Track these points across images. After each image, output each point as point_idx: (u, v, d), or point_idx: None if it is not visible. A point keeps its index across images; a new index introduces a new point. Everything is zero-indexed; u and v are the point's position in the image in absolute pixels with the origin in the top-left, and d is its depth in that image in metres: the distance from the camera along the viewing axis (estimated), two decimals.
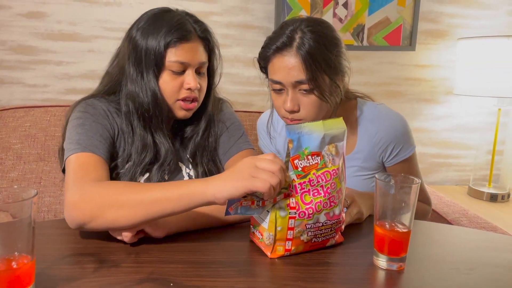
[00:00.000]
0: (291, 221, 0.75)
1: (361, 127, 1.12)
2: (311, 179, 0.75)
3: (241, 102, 1.97)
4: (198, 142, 1.07)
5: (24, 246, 0.59)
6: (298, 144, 0.74)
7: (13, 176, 1.46)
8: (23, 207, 0.58)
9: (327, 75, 0.98)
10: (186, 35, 0.96)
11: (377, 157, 1.13)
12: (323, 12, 1.90)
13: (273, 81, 1.02)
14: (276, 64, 0.99)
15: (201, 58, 0.99)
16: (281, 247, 0.76)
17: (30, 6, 1.74)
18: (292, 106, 0.99)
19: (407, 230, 0.72)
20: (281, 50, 0.98)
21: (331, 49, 0.98)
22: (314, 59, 0.95)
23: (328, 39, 0.98)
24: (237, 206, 0.74)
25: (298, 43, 0.96)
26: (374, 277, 0.71)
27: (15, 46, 1.76)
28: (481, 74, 1.84)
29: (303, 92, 0.99)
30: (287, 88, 1.00)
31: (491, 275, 0.73)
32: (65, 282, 0.66)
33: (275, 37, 1.00)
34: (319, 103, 1.00)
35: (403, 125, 1.11)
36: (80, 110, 0.98)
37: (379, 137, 1.10)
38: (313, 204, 0.75)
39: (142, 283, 0.66)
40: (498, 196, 1.95)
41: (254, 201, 0.74)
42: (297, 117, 1.02)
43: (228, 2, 1.87)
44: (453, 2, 2.02)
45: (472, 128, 2.15)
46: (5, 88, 1.78)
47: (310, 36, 0.96)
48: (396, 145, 1.10)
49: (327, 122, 0.76)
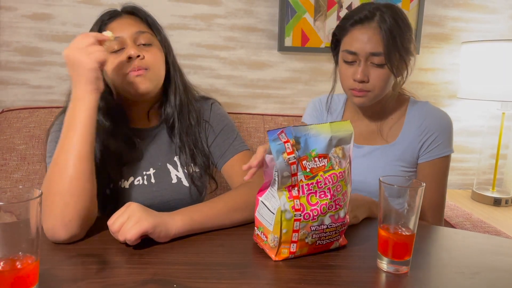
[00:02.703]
0: (296, 223, 0.74)
1: (409, 116, 1.17)
2: (319, 181, 0.75)
3: (244, 104, 1.97)
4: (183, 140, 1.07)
5: (28, 247, 0.59)
6: (305, 145, 0.74)
7: (17, 176, 1.46)
8: (28, 207, 0.58)
9: (399, 53, 1.05)
10: (113, 13, 1.03)
11: (417, 149, 1.15)
12: (327, 15, 1.90)
13: (348, 51, 1.08)
14: (354, 34, 1.07)
15: (134, 29, 1.00)
16: (285, 250, 0.76)
17: (35, 7, 1.75)
18: (363, 76, 1.06)
19: (411, 233, 0.72)
20: (362, 21, 1.06)
21: (406, 31, 1.07)
22: (392, 35, 1.03)
23: (405, 22, 1.07)
24: (282, 141, 0.72)
25: (379, 18, 1.05)
26: (377, 281, 0.71)
27: (20, 48, 1.77)
28: (485, 78, 1.84)
29: (374, 65, 1.06)
30: (360, 59, 1.06)
31: (496, 280, 0.72)
32: (69, 282, 0.66)
33: (356, 11, 1.09)
34: (387, 78, 1.07)
35: (450, 123, 1.16)
36: (58, 123, 1.01)
37: (425, 125, 1.14)
38: (319, 206, 0.75)
39: (146, 284, 0.66)
40: (502, 200, 1.94)
41: (293, 152, 0.72)
42: (365, 88, 1.08)
43: (232, 5, 1.87)
44: (457, 6, 2.02)
45: (475, 132, 2.15)
46: (10, 89, 1.79)
47: (390, 15, 1.05)
48: (437, 138, 1.13)
49: (334, 124, 0.76)
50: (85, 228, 0.83)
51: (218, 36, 1.89)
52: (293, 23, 1.88)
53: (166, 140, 1.09)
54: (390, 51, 1.04)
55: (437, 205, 1.16)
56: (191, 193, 1.07)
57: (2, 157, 1.47)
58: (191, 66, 1.90)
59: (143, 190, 1.03)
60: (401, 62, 1.07)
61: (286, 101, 2.00)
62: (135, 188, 1.02)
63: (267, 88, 1.98)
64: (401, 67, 1.08)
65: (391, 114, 1.20)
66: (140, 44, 1.00)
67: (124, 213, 0.79)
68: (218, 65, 1.92)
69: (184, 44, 1.87)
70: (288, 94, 1.99)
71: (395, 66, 1.06)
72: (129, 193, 1.02)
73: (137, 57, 0.97)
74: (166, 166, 1.06)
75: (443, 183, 1.17)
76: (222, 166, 1.10)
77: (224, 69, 1.93)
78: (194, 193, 1.08)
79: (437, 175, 1.15)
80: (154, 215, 0.80)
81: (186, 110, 1.08)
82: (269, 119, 1.76)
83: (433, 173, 1.15)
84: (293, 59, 1.96)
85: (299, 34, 1.90)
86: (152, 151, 1.07)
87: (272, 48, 1.93)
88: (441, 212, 1.18)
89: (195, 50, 1.89)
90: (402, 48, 1.05)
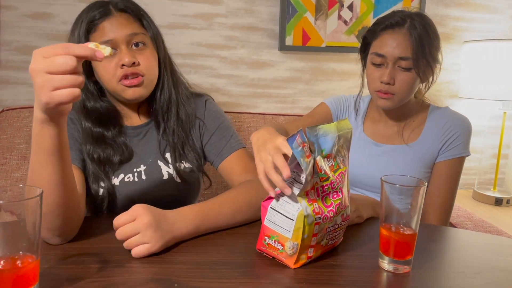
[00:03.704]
0: (316, 227, 0.72)
1: (430, 120, 1.20)
2: (333, 181, 0.74)
3: (246, 103, 1.97)
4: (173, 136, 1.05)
5: (29, 246, 0.59)
6: (318, 146, 0.72)
7: (17, 176, 1.46)
8: (28, 206, 0.58)
9: (426, 59, 1.09)
10: (103, 11, 0.94)
11: (437, 149, 1.17)
12: (328, 15, 1.89)
13: (376, 54, 1.12)
14: (385, 38, 1.11)
15: (127, 31, 0.94)
16: (304, 255, 0.73)
17: (36, 7, 1.75)
18: (389, 79, 1.09)
19: (412, 232, 0.72)
20: (392, 27, 1.10)
21: (434, 39, 1.11)
22: (421, 42, 1.07)
23: (433, 31, 1.11)
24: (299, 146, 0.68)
25: (409, 25, 1.09)
26: (379, 280, 0.71)
27: (21, 47, 1.76)
28: (486, 77, 1.84)
29: (402, 69, 1.09)
30: (388, 62, 1.10)
31: (497, 279, 0.72)
32: (69, 281, 0.66)
33: (388, 17, 1.13)
34: (413, 82, 1.11)
35: (470, 126, 1.19)
36: None
37: (447, 126, 1.17)
38: (333, 206, 0.74)
39: (146, 284, 0.66)
40: (503, 200, 1.94)
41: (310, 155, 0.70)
42: (391, 91, 1.11)
43: (233, 4, 1.87)
44: (459, 6, 2.01)
45: (477, 131, 2.14)
46: (10, 88, 1.79)
47: (420, 22, 1.09)
48: (458, 137, 1.16)
49: (340, 123, 0.75)
50: (75, 230, 0.82)
51: (219, 36, 1.89)
52: (294, 22, 1.88)
53: (157, 136, 1.07)
54: (418, 57, 1.07)
55: (446, 206, 1.17)
56: (182, 189, 1.06)
57: (2, 156, 1.47)
58: (192, 65, 1.89)
59: (133, 187, 1.01)
60: (428, 68, 1.10)
61: (287, 100, 1.99)
62: (125, 184, 1.01)
63: (268, 87, 1.97)
64: (428, 73, 1.12)
65: (412, 117, 1.21)
66: (133, 44, 0.96)
67: (135, 225, 0.74)
68: (219, 65, 1.92)
69: (185, 44, 1.87)
70: (289, 93, 1.99)
71: (421, 71, 1.09)
72: (119, 190, 1.00)
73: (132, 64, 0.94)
74: (157, 163, 1.05)
75: (454, 185, 1.18)
76: (219, 164, 1.09)
77: (225, 69, 1.92)
78: (186, 190, 1.07)
79: (451, 175, 1.16)
80: (163, 233, 0.76)
81: (175, 106, 1.06)
82: (270, 118, 1.76)
83: (448, 173, 1.16)
84: (294, 59, 1.95)
85: (300, 34, 1.89)
86: (143, 148, 1.05)
87: (273, 48, 1.93)
88: (448, 214, 1.18)
89: (196, 49, 1.88)
90: (430, 55, 1.09)
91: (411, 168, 1.17)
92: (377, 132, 1.24)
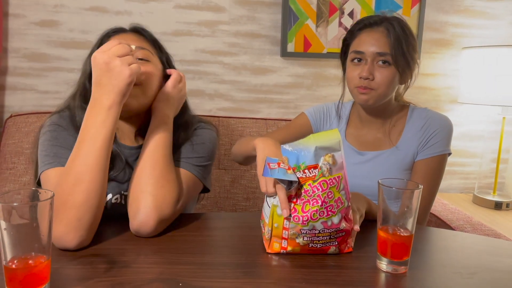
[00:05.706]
0: (286, 222, 0.79)
1: (410, 121, 1.21)
2: (306, 189, 0.78)
3: (248, 109, 2.00)
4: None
5: (40, 246, 0.62)
6: (297, 161, 0.79)
7: (25, 180, 1.49)
8: (40, 208, 0.60)
9: (404, 57, 1.11)
10: (116, 30, 1.04)
11: (417, 148, 1.17)
12: (329, 22, 1.92)
13: (355, 51, 1.14)
14: (363, 37, 1.14)
15: (135, 44, 0.98)
16: (277, 244, 0.81)
17: (43, 15, 1.79)
18: (368, 74, 1.11)
19: (409, 234, 0.74)
20: (371, 26, 1.14)
21: (411, 40, 1.13)
22: (399, 40, 1.10)
23: (410, 32, 1.14)
24: (275, 168, 0.78)
25: (387, 24, 1.12)
26: (377, 280, 0.73)
27: (29, 54, 1.80)
28: (485, 83, 1.86)
29: (381, 64, 1.11)
30: (367, 58, 1.12)
31: (493, 280, 0.74)
32: (78, 281, 0.69)
33: (365, 18, 1.17)
34: (392, 77, 1.12)
35: (450, 124, 1.20)
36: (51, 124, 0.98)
37: (426, 126, 1.18)
38: (309, 212, 0.78)
39: (152, 283, 0.68)
40: (503, 204, 1.95)
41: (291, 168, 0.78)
42: (370, 86, 1.12)
43: (235, 11, 1.91)
44: (458, 12, 2.04)
45: (476, 136, 2.16)
46: (18, 94, 1.83)
47: (398, 24, 1.12)
48: (436, 136, 1.16)
49: (318, 135, 0.81)
50: (92, 235, 0.83)
51: (222, 42, 1.92)
52: (295, 29, 1.91)
53: None
54: (397, 53, 1.10)
55: (423, 206, 1.13)
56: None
57: (10, 161, 1.50)
58: (196, 71, 1.93)
59: (118, 209, 0.97)
60: (407, 67, 1.12)
61: (289, 105, 2.02)
62: (112, 206, 0.98)
63: (270, 93, 2.00)
64: (407, 72, 1.14)
65: (391, 119, 1.22)
66: (138, 58, 0.97)
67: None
68: (222, 71, 1.95)
69: (189, 50, 1.90)
70: (291, 99, 2.02)
71: (400, 67, 1.11)
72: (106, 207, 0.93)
73: None
74: None
75: (434, 184, 1.16)
76: None
77: (228, 75, 1.96)
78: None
79: (429, 174, 1.15)
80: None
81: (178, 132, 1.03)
82: (272, 123, 1.78)
83: (426, 172, 1.15)
84: (296, 65, 1.98)
85: (302, 40, 1.93)
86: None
87: (275, 54, 1.96)
88: (423, 213, 1.15)
89: (200, 56, 1.92)
90: (408, 53, 1.11)
91: (393, 172, 1.16)
92: (359, 138, 1.24)
